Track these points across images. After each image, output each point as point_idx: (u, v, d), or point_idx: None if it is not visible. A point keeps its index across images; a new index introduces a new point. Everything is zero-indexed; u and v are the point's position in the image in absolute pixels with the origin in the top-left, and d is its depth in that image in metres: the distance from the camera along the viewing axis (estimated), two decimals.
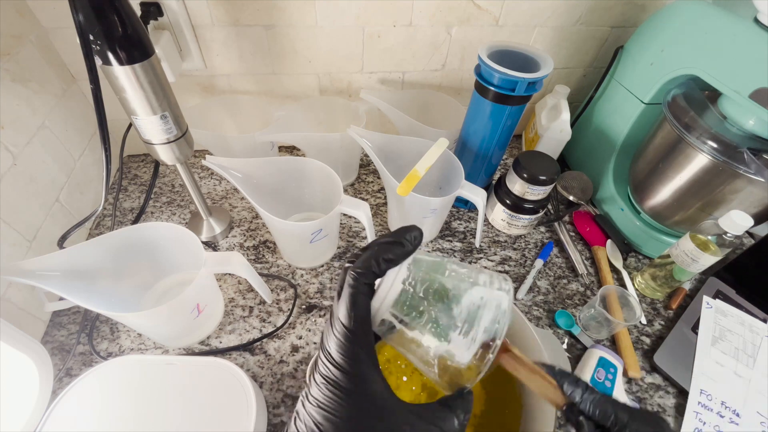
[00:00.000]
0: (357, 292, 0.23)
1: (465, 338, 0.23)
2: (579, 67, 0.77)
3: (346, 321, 0.22)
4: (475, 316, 0.23)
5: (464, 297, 0.24)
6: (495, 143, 0.59)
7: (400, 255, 0.24)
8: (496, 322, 0.23)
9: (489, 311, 0.23)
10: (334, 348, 0.22)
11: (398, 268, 0.24)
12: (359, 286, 0.23)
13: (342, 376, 0.22)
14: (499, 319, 0.23)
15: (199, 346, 0.51)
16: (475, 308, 0.23)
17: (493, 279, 0.25)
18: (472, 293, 0.24)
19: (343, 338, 0.22)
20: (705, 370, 0.51)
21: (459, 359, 0.23)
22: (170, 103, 0.45)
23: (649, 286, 0.60)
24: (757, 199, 0.51)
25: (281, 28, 0.61)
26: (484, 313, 0.23)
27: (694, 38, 0.54)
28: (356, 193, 0.73)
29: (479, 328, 0.23)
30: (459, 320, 0.23)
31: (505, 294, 0.24)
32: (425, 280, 0.24)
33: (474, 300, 0.24)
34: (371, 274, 0.23)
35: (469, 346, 0.23)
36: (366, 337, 0.23)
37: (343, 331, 0.22)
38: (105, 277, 0.45)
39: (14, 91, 0.49)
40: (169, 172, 0.72)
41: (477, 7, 0.64)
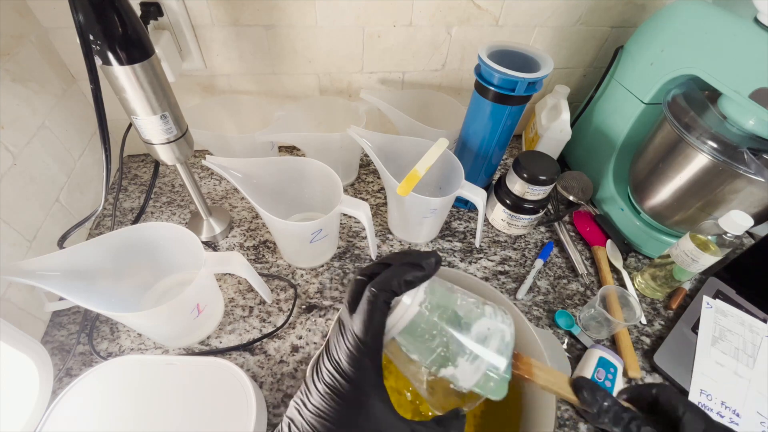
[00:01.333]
0: (375, 309, 0.23)
1: (471, 365, 0.24)
2: (579, 67, 0.77)
3: (361, 335, 0.23)
4: (482, 345, 0.25)
5: (474, 326, 0.25)
6: (495, 143, 0.59)
7: (419, 278, 0.25)
8: (500, 354, 0.25)
9: (494, 342, 0.25)
10: (345, 359, 0.22)
11: (416, 291, 0.25)
12: (378, 302, 0.23)
13: (348, 386, 0.22)
14: (502, 350, 0.25)
15: (199, 346, 0.51)
16: (482, 338, 0.25)
17: (497, 311, 0.27)
18: (480, 323, 0.25)
19: (356, 351, 0.22)
20: (705, 370, 0.51)
21: (462, 384, 0.24)
22: (170, 103, 0.45)
23: (649, 286, 0.60)
24: (757, 199, 0.51)
25: (281, 28, 0.61)
26: (490, 344, 0.25)
27: (694, 38, 0.54)
28: (356, 193, 0.73)
29: (485, 357, 0.24)
30: (468, 348, 0.24)
31: (508, 327, 0.26)
32: (439, 305, 0.25)
33: (482, 330, 0.25)
34: (391, 293, 0.24)
35: (474, 373, 0.24)
36: (377, 353, 0.23)
37: (356, 344, 0.23)
38: (105, 277, 0.45)
39: (14, 91, 0.49)
40: (169, 172, 0.72)
41: (477, 7, 0.64)
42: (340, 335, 0.23)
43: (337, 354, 0.23)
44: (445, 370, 0.24)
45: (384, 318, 0.24)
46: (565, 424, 0.47)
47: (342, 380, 0.22)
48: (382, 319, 0.24)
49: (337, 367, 0.23)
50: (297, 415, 0.23)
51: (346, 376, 0.22)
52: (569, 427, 0.47)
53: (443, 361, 0.24)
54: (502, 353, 0.25)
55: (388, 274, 0.24)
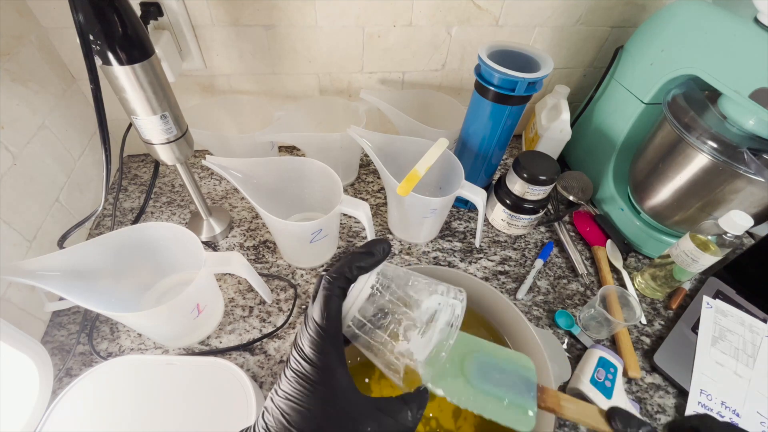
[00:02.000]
0: (331, 295, 0.25)
1: (423, 338, 0.26)
2: (579, 67, 0.77)
3: (319, 320, 0.24)
4: (432, 318, 0.26)
5: (424, 302, 0.27)
6: (495, 143, 0.59)
7: (371, 263, 0.27)
8: (449, 325, 0.26)
9: (445, 315, 0.27)
10: (307, 344, 0.24)
11: (368, 275, 0.27)
12: (333, 289, 0.25)
13: (311, 369, 0.24)
14: (452, 322, 0.26)
15: (199, 346, 0.51)
16: (432, 312, 0.27)
17: (450, 289, 0.28)
18: (431, 299, 0.27)
19: (316, 335, 0.24)
20: (705, 370, 0.51)
21: (417, 357, 0.26)
22: (170, 103, 0.45)
23: (649, 286, 0.60)
24: (757, 199, 0.51)
25: (281, 28, 0.61)
26: (440, 317, 0.27)
27: (694, 38, 0.54)
28: (356, 193, 0.73)
29: (435, 329, 0.26)
30: (418, 322, 0.26)
31: (459, 302, 0.27)
32: (391, 286, 0.27)
33: (432, 305, 0.27)
34: (344, 279, 0.26)
35: (426, 345, 0.26)
36: (336, 336, 0.25)
37: (315, 328, 0.24)
38: (105, 277, 0.45)
39: (14, 91, 0.49)
40: (169, 172, 0.72)
41: (477, 7, 0.64)
42: (304, 324, 0.25)
43: (301, 341, 0.25)
44: (399, 345, 0.26)
45: (339, 303, 0.26)
46: (565, 424, 0.47)
47: (306, 364, 0.24)
48: (338, 303, 0.25)
49: (301, 353, 0.24)
50: (269, 402, 0.24)
51: (308, 359, 0.24)
52: (569, 427, 0.47)
53: (397, 337, 0.26)
54: (451, 324, 0.26)
55: (341, 262, 0.26)
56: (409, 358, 0.26)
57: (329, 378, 0.24)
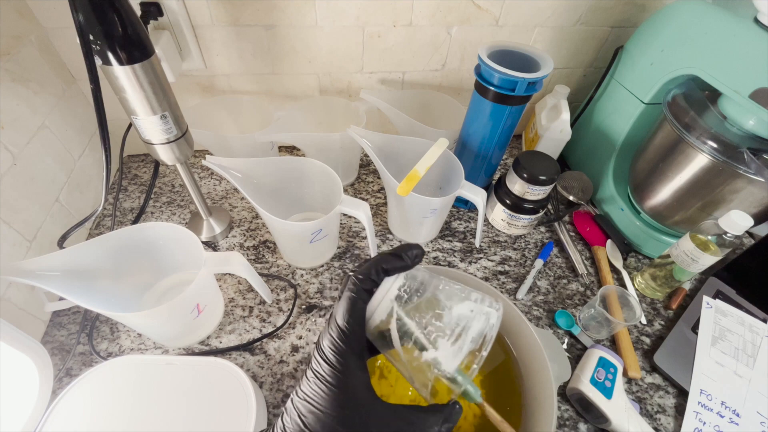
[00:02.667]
0: (356, 297, 0.24)
1: (453, 346, 0.24)
2: (579, 67, 0.77)
3: (341, 321, 0.24)
4: (464, 326, 0.24)
5: (455, 308, 0.25)
6: (495, 143, 0.59)
7: (398, 267, 0.26)
8: (483, 334, 0.24)
9: (478, 323, 0.24)
10: (327, 345, 0.24)
11: (395, 278, 0.25)
12: (358, 291, 0.25)
13: (330, 371, 0.23)
14: (486, 332, 0.24)
15: (199, 346, 0.51)
16: (464, 320, 0.24)
17: (485, 297, 0.26)
18: (462, 306, 0.25)
19: (337, 337, 0.24)
20: (705, 370, 0.51)
21: (445, 367, 0.24)
22: (170, 103, 0.45)
23: (649, 286, 0.60)
24: (757, 199, 0.51)
25: (281, 28, 0.61)
26: (473, 324, 0.24)
27: (694, 38, 0.54)
28: (356, 193, 0.73)
29: (467, 337, 0.24)
30: (448, 329, 0.24)
31: (495, 311, 0.25)
32: (419, 290, 0.26)
33: (464, 312, 0.25)
34: (370, 281, 0.25)
35: (456, 354, 0.24)
36: (358, 339, 0.24)
37: (337, 330, 0.24)
38: (105, 277, 0.45)
39: (14, 91, 0.49)
40: (169, 172, 0.72)
41: (477, 7, 0.64)
42: (328, 325, 0.25)
43: (322, 342, 0.24)
44: (426, 354, 0.24)
45: (363, 305, 0.25)
46: (565, 424, 0.47)
47: (326, 365, 0.23)
48: (362, 306, 0.25)
49: (322, 354, 0.24)
50: (289, 403, 0.24)
51: (329, 361, 0.23)
52: (569, 427, 0.47)
53: (423, 345, 0.24)
54: (486, 334, 0.24)
55: (368, 263, 0.26)
56: (437, 367, 0.24)
57: (347, 382, 0.23)
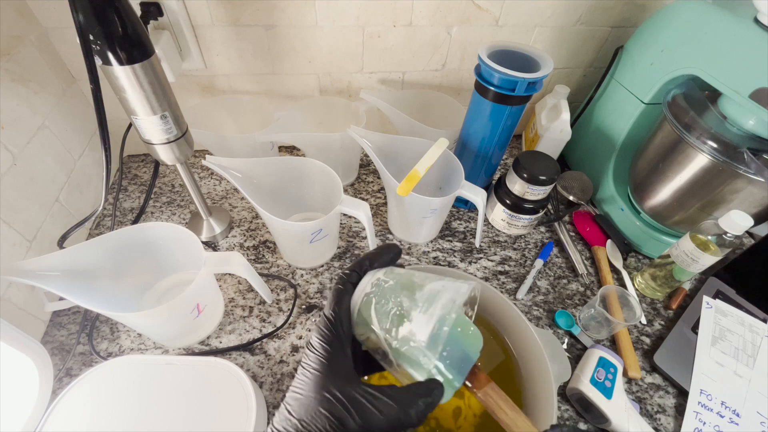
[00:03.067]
0: (342, 289, 0.27)
1: (424, 315, 0.26)
2: (579, 67, 0.77)
3: (327, 311, 0.26)
4: (434, 298, 0.26)
5: (427, 286, 0.27)
6: (495, 143, 0.59)
7: (382, 262, 0.29)
8: (452, 301, 0.26)
9: (447, 293, 0.26)
10: (315, 336, 0.26)
11: (376, 270, 0.28)
12: (344, 283, 0.27)
13: (314, 357, 0.25)
14: (455, 298, 0.26)
15: (199, 346, 0.51)
16: (435, 292, 0.27)
17: (459, 280, 0.28)
18: (434, 284, 0.27)
19: (324, 326, 0.26)
20: (705, 370, 0.51)
21: (420, 337, 0.25)
22: (170, 103, 0.45)
23: (649, 286, 0.60)
24: (757, 199, 0.51)
25: (281, 28, 0.61)
26: (443, 295, 0.26)
27: (694, 38, 0.54)
28: (356, 193, 0.73)
29: (437, 305, 0.26)
30: (420, 301, 0.26)
31: (467, 285, 0.27)
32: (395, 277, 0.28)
33: (435, 287, 0.27)
34: (356, 275, 0.27)
35: (428, 322, 0.25)
36: (342, 326, 0.26)
37: (324, 320, 0.26)
38: (105, 277, 0.45)
39: (14, 91, 0.49)
40: (169, 172, 0.72)
41: (477, 7, 0.64)
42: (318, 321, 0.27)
43: (311, 336, 0.26)
44: (402, 328, 0.26)
45: (349, 297, 0.27)
46: (565, 424, 0.47)
47: (311, 353, 0.25)
48: (348, 299, 0.27)
49: (309, 345, 0.26)
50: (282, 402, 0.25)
51: (313, 349, 0.25)
52: (569, 427, 0.47)
53: (400, 320, 0.26)
54: (455, 301, 0.26)
55: (355, 261, 0.28)
56: (412, 339, 0.25)
57: (330, 366, 0.24)
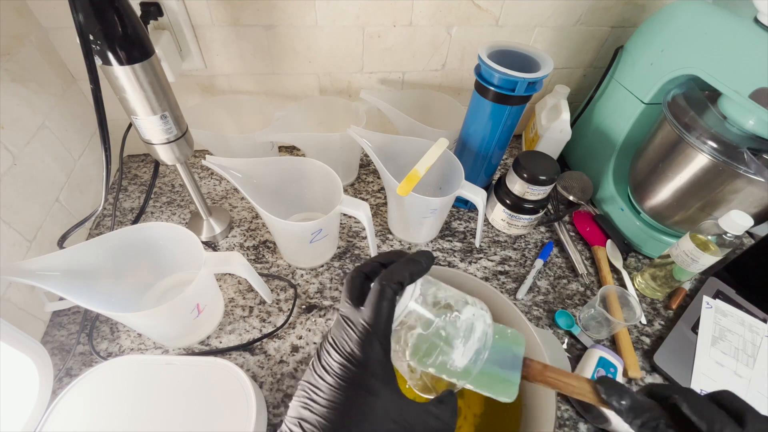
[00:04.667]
0: (383, 299, 0.25)
1: (464, 346, 0.27)
2: (579, 67, 0.77)
3: (372, 322, 0.24)
4: (471, 328, 0.28)
5: (463, 313, 0.28)
6: (495, 143, 0.59)
7: (419, 271, 0.28)
8: (485, 334, 0.28)
9: (480, 324, 0.29)
10: (357, 348, 0.24)
11: (415, 285, 0.28)
12: (386, 293, 0.25)
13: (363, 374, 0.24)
14: (486, 331, 0.29)
15: (199, 346, 0.51)
16: (470, 322, 0.28)
17: (475, 300, 0.30)
18: (467, 310, 0.29)
19: (367, 338, 0.24)
20: (705, 370, 0.51)
21: (458, 364, 0.27)
22: (170, 103, 0.45)
23: (649, 286, 0.60)
24: (757, 199, 0.51)
25: (281, 28, 0.61)
26: (477, 326, 0.28)
27: (694, 38, 0.54)
28: (356, 193, 0.73)
29: (474, 337, 0.28)
30: (461, 331, 0.28)
31: (486, 312, 0.29)
32: (433, 296, 0.29)
33: (469, 315, 0.29)
34: (398, 285, 0.26)
35: (467, 353, 0.27)
36: (387, 340, 0.25)
37: (367, 331, 0.24)
38: (105, 277, 0.45)
39: (14, 91, 0.49)
40: (169, 172, 0.72)
41: (477, 7, 0.64)
42: (349, 329, 0.25)
43: (349, 346, 0.24)
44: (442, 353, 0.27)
45: (392, 307, 0.26)
46: (565, 424, 0.47)
47: (355, 369, 0.24)
48: (391, 307, 0.26)
49: (350, 358, 0.24)
50: (307, 413, 0.23)
51: (359, 364, 0.24)
52: (569, 427, 0.47)
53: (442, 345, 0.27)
54: (486, 334, 0.28)
55: (393, 269, 0.27)
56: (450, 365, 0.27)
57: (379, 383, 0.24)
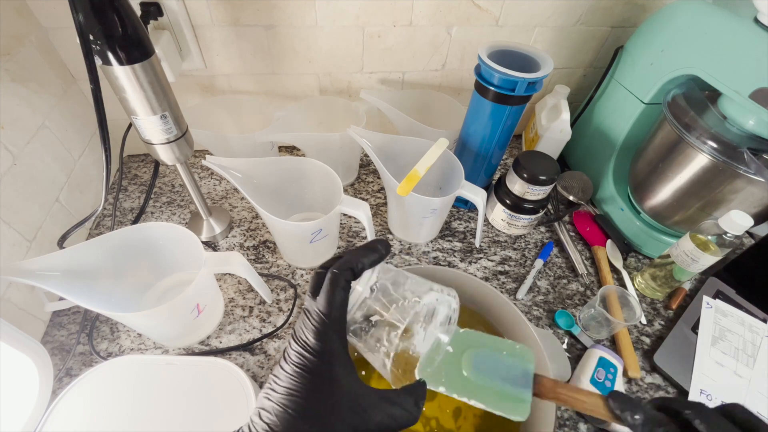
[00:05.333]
0: (337, 286, 0.25)
1: (425, 331, 0.27)
2: (579, 67, 0.77)
3: (326, 310, 0.25)
4: (432, 312, 0.28)
5: (424, 298, 0.28)
6: (495, 143, 0.59)
7: (374, 260, 0.28)
8: (448, 318, 0.28)
9: (443, 309, 0.28)
10: (312, 336, 0.24)
11: (371, 272, 0.28)
12: (339, 281, 0.26)
13: (317, 362, 0.24)
14: (450, 316, 0.28)
15: (199, 346, 0.51)
16: (432, 307, 0.28)
17: (443, 288, 0.30)
18: (429, 296, 0.28)
19: (321, 326, 0.25)
20: (705, 370, 0.51)
21: (419, 349, 0.27)
22: (170, 103, 0.45)
23: (649, 286, 0.60)
24: (757, 199, 0.51)
25: (281, 28, 0.61)
26: (439, 311, 0.28)
27: (694, 38, 0.54)
28: (356, 193, 0.73)
29: (436, 323, 0.28)
30: (421, 315, 0.27)
31: (453, 298, 0.29)
32: (394, 282, 0.28)
33: (431, 300, 0.28)
34: (350, 272, 0.26)
35: (428, 339, 0.27)
36: (342, 328, 0.26)
37: (321, 319, 0.25)
38: (105, 277, 0.45)
39: (14, 91, 0.49)
40: (169, 172, 0.72)
41: (477, 7, 0.64)
42: (306, 319, 0.25)
43: (304, 335, 0.25)
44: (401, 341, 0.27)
45: (346, 294, 0.26)
46: (565, 424, 0.47)
47: (310, 356, 0.24)
48: (345, 295, 0.26)
49: (305, 346, 0.24)
50: (266, 402, 0.24)
51: (314, 351, 0.24)
52: (569, 427, 0.47)
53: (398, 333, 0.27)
54: (450, 319, 0.28)
55: (346, 257, 0.27)
56: (412, 351, 0.27)
57: (334, 369, 0.24)
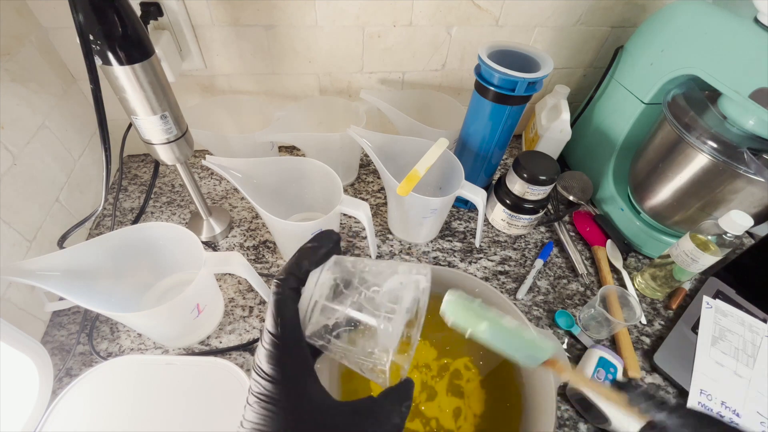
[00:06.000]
0: (282, 298, 0.22)
1: (390, 323, 0.23)
2: (579, 67, 0.77)
3: (273, 329, 0.21)
4: (396, 299, 0.24)
5: (385, 285, 0.24)
6: (495, 143, 0.59)
7: (320, 257, 0.24)
8: (416, 302, 0.24)
9: (409, 292, 0.24)
10: (265, 361, 0.21)
11: (320, 269, 0.24)
12: (284, 291, 0.22)
13: (274, 388, 0.21)
14: (419, 297, 0.24)
15: (199, 346, 0.51)
16: (395, 293, 0.24)
17: (412, 267, 0.26)
18: (392, 280, 0.24)
19: (272, 347, 0.21)
20: (705, 370, 0.51)
21: (387, 345, 0.23)
22: (170, 103, 0.45)
23: (649, 286, 0.60)
24: (757, 199, 0.51)
25: (281, 28, 0.61)
26: (404, 294, 0.24)
27: (694, 38, 0.54)
28: (356, 193, 0.73)
29: (401, 309, 0.23)
30: (382, 307, 0.23)
31: (423, 276, 0.25)
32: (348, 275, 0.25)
33: (394, 286, 0.24)
34: (293, 278, 0.23)
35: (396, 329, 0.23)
36: (296, 342, 0.22)
37: (271, 339, 0.21)
38: (105, 277, 0.45)
39: (14, 91, 0.49)
40: (169, 172, 0.72)
41: (477, 7, 0.64)
42: (260, 343, 0.22)
43: (259, 361, 0.21)
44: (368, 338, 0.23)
45: (294, 306, 0.23)
46: (565, 424, 0.47)
47: (267, 383, 0.21)
48: (293, 306, 0.22)
49: (261, 373, 0.21)
50: None
51: (270, 378, 0.21)
52: (569, 427, 0.47)
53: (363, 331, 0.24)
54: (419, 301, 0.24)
55: (289, 262, 0.23)
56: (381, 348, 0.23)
57: (296, 394, 0.21)
